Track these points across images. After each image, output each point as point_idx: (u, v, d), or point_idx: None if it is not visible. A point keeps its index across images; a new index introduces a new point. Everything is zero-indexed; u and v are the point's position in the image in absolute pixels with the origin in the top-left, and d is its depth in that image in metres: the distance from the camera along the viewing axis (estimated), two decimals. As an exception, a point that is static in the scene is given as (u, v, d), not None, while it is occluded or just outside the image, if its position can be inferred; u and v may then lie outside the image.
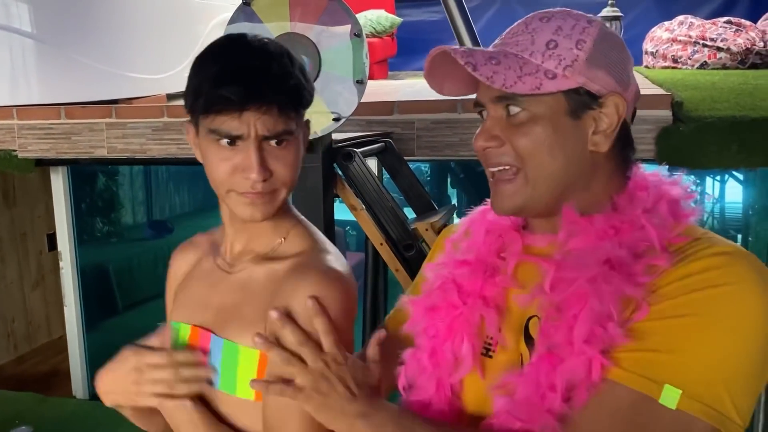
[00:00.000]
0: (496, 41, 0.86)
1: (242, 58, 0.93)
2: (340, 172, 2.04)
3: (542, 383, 0.75)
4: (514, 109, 0.80)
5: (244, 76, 0.90)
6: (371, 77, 4.47)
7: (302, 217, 1.07)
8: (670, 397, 0.70)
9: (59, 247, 3.62)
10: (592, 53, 0.79)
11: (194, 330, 1.02)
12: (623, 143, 0.83)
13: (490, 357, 0.85)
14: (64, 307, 3.70)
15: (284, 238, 1.02)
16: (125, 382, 0.97)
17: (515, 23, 0.86)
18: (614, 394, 0.72)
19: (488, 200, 0.92)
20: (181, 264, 1.12)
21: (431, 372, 0.88)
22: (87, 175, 4.15)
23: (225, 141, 0.92)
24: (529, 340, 0.81)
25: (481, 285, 0.86)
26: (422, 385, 0.89)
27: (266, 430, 0.93)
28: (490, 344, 0.86)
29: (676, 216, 0.79)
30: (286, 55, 0.94)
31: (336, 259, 0.99)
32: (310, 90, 0.97)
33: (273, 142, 0.93)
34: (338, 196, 2.08)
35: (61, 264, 3.64)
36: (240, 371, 0.96)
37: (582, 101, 0.79)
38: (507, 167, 0.82)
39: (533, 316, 0.82)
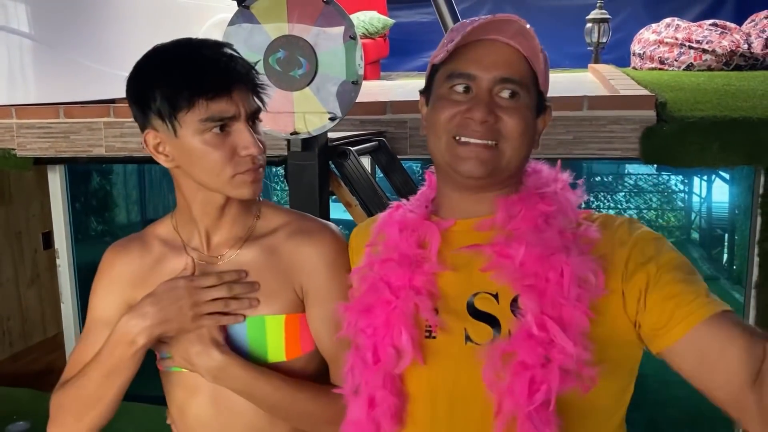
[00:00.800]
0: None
1: (203, 51, 0.99)
2: (335, 170, 2.10)
3: (544, 339, 0.83)
4: (515, 92, 0.91)
5: (220, 63, 0.97)
6: (364, 77, 4.53)
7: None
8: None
9: (56, 245, 3.66)
10: (545, 67, 0.95)
11: None
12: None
13: (434, 338, 0.91)
14: (61, 305, 3.73)
15: (257, 216, 1.10)
16: (177, 308, 1.00)
17: None
18: (722, 322, 0.81)
19: (392, 203, 1.04)
20: (122, 268, 1.11)
21: (375, 367, 0.92)
22: (83, 174, 4.19)
23: (216, 129, 0.97)
24: (479, 315, 0.89)
25: (409, 277, 0.92)
26: (369, 381, 0.93)
27: (333, 363, 1.07)
28: (430, 328, 0.92)
29: (576, 192, 0.95)
30: (224, 43, 1.02)
31: (318, 219, 1.13)
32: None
33: (252, 119, 1.01)
34: (333, 194, 2.14)
35: (58, 262, 3.67)
36: (269, 339, 1.05)
37: (540, 104, 0.95)
38: (491, 142, 0.91)
39: (477, 293, 0.90)
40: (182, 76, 0.95)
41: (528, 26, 0.89)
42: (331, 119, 1.84)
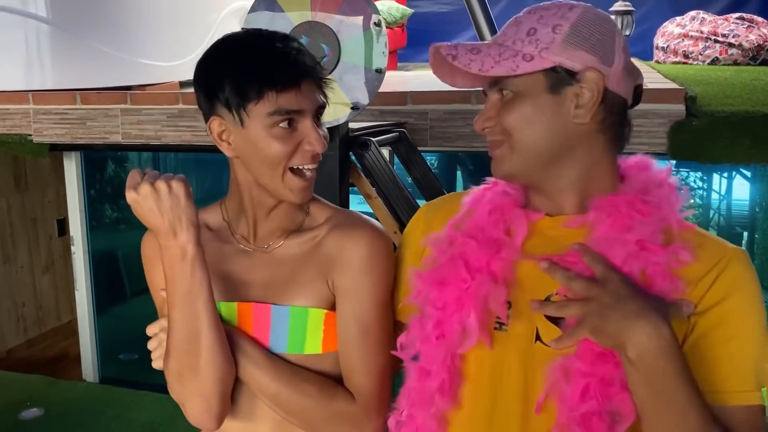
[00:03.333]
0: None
1: (274, 43, 0.99)
2: (355, 161, 2.06)
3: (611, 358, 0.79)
4: (504, 89, 0.90)
5: (290, 57, 0.97)
6: (382, 68, 4.49)
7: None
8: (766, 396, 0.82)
9: (71, 232, 3.66)
10: (568, 35, 0.87)
11: (244, 306, 1.06)
12: (617, 120, 0.90)
13: (505, 331, 0.90)
14: (75, 291, 3.73)
15: (307, 213, 1.09)
16: (179, 201, 0.97)
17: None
18: (750, 414, 0.81)
19: (487, 179, 1.01)
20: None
21: (436, 341, 0.92)
22: (99, 162, 4.18)
23: (284, 123, 0.97)
24: (552, 318, 0.85)
25: (488, 260, 0.90)
26: (427, 353, 0.93)
27: (348, 367, 1.04)
28: (500, 319, 0.90)
29: (683, 198, 0.88)
30: (292, 36, 1.02)
31: (363, 216, 1.10)
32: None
33: (316, 119, 1.01)
34: (353, 185, 2.10)
35: (72, 249, 3.67)
36: (309, 331, 1.04)
37: (561, 78, 0.87)
38: (501, 145, 0.91)
39: (555, 293, 0.86)
40: (253, 68, 0.96)
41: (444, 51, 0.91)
42: (354, 108, 1.80)
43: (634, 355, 0.74)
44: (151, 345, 1.07)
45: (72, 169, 3.54)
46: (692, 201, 0.87)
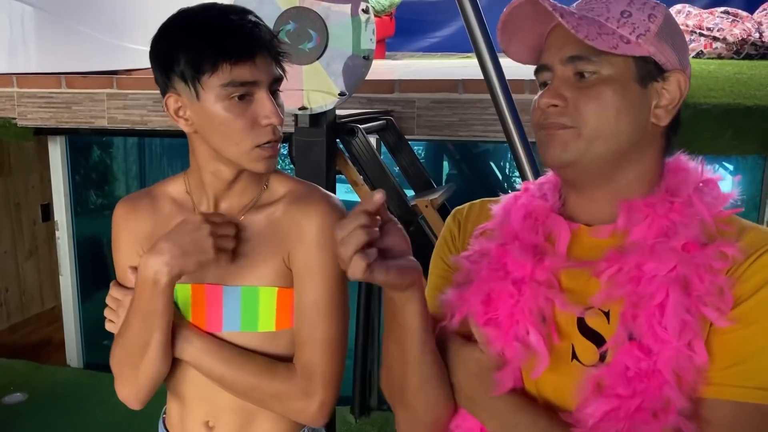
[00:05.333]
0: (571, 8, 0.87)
1: (229, 16, 0.99)
2: (342, 148, 2.07)
3: (644, 377, 0.75)
4: (587, 69, 0.80)
5: (245, 29, 0.97)
6: (369, 57, 4.49)
7: None
8: None
9: (56, 217, 3.63)
10: (662, 28, 0.81)
11: (197, 287, 1.07)
12: (674, 125, 0.85)
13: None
14: (60, 277, 3.71)
15: (266, 186, 1.10)
16: (194, 241, 0.99)
17: None
18: (734, 412, 0.74)
19: (520, 185, 0.94)
20: (137, 224, 1.12)
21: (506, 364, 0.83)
22: (84, 146, 4.15)
23: (237, 96, 0.97)
24: (587, 332, 0.80)
25: (531, 269, 0.83)
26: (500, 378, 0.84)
27: (298, 340, 1.05)
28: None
29: (720, 197, 0.82)
30: (247, 10, 1.02)
31: (323, 189, 1.10)
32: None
33: (273, 90, 1.01)
34: (340, 172, 2.11)
35: (57, 234, 3.65)
36: (261, 309, 1.06)
37: (650, 70, 0.81)
38: (566, 129, 0.81)
39: (590, 308, 0.80)
40: (208, 40, 0.96)
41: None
42: (341, 94, 1.81)
43: None
44: (107, 312, 1.11)
45: (57, 153, 3.51)
46: (735, 198, 0.82)
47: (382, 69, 3.72)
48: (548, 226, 0.86)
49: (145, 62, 1.06)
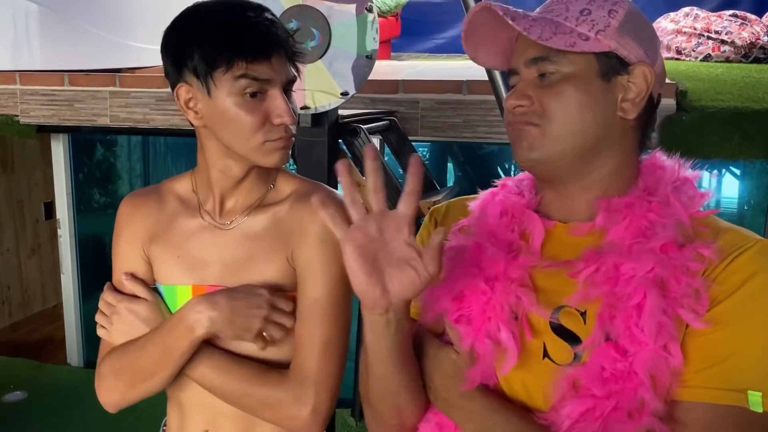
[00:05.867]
0: (533, 12, 0.88)
1: (246, 13, 0.97)
2: (344, 148, 2.05)
3: (620, 377, 0.74)
4: (548, 69, 0.81)
5: (261, 27, 0.95)
6: (374, 57, 4.46)
7: None
8: (756, 401, 0.72)
9: (58, 215, 3.62)
10: (623, 22, 0.81)
11: (198, 288, 1.05)
12: (647, 119, 0.85)
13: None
14: (61, 275, 3.70)
15: (272, 185, 1.08)
16: (248, 317, 0.99)
17: None
18: (709, 414, 0.73)
19: (496, 181, 0.94)
20: (140, 223, 1.10)
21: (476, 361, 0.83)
22: (86, 145, 4.14)
23: (251, 91, 0.96)
24: (561, 331, 0.79)
25: (504, 267, 0.83)
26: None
27: (297, 341, 1.02)
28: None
29: (697, 197, 0.81)
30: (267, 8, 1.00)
31: (329, 188, 1.09)
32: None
33: (287, 89, 1.00)
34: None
35: (59, 232, 3.64)
36: None
37: (612, 65, 0.81)
38: (533, 125, 0.82)
39: (563, 306, 0.80)
40: (223, 36, 0.94)
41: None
42: (344, 94, 1.79)
43: None
44: (99, 317, 1.10)
45: (59, 151, 3.50)
46: (711, 197, 0.82)
47: (387, 69, 3.70)
48: (523, 223, 0.86)
49: (150, 61, 1.05)
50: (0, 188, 4.12)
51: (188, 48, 0.96)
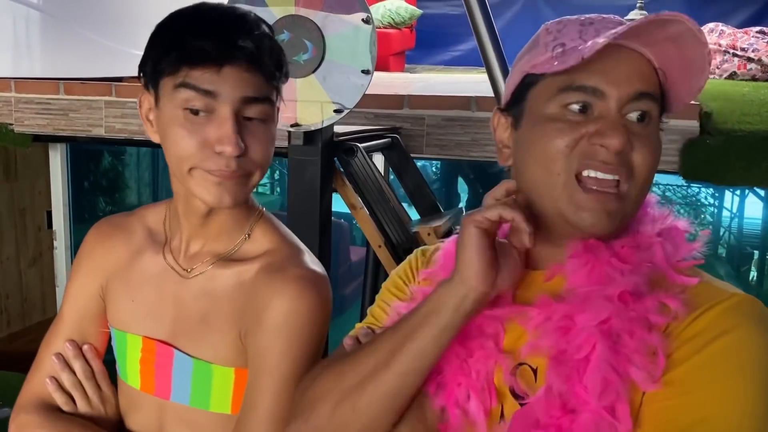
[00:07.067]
0: None
1: (216, 14, 0.83)
2: (340, 168, 1.92)
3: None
4: (651, 110, 0.70)
5: (223, 29, 0.80)
6: (387, 69, 4.35)
7: (263, 208, 0.96)
8: None
9: (54, 226, 3.54)
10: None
11: (148, 342, 0.92)
12: None
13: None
14: (56, 288, 3.62)
15: (248, 235, 0.92)
16: None
17: None
18: None
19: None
20: (104, 258, 0.98)
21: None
22: (86, 154, 4.06)
23: (190, 109, 0.81)
24: (515, 392, 0.70)
25: (480, 320, 0.73)
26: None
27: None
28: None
29: (684, 246, 0.72)
30: (259, 18, 0.85)
31: (308, 257, 0.91)
32: (286, 58, 0.88)
33: (251, 115, 0.83)
34: (337, 191, 1.96)
35: (55, 243, 3.55)
36: (215, 388, 0.89)
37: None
38: (618, 180, 0.69)
39: (522, 364, 0.71)
40: (175, 39, 0.81)
41: (694, 27, 0.66)
42: (337, 111, 1.66)
43: None
44: (56, 392, 0.99)
45: (57, 160, 3.42)
46: (700, 249, 0.71)
47: (398, 82, 3.58)
48: None
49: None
50: (1, 196, 4.05)
51: (147, 50, 0.85)
